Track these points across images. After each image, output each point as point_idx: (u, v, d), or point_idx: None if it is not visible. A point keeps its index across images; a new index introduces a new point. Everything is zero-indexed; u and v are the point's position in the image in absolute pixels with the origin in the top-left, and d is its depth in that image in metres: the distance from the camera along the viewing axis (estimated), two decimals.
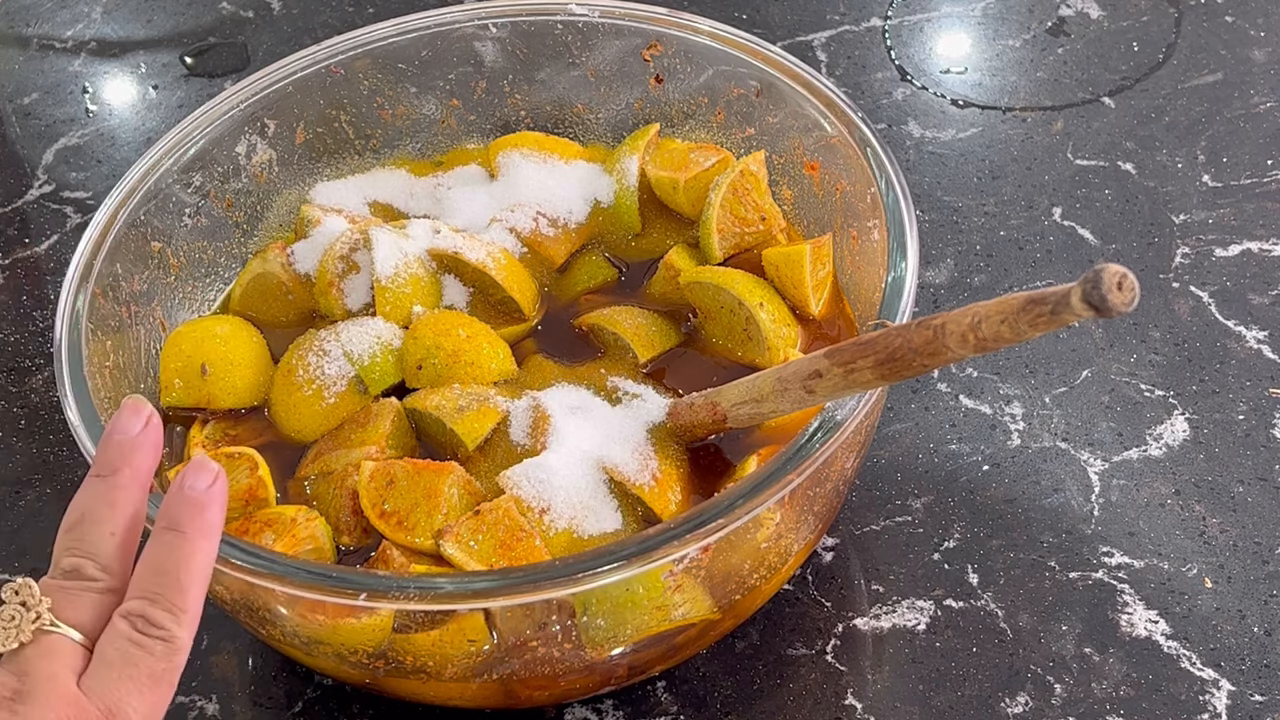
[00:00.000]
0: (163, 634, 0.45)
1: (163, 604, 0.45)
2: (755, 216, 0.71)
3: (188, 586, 0.46)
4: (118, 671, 0.44)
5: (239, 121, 0.74)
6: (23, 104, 1.01)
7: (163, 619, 0.45)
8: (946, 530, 0.70)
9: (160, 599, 0.45)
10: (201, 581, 0.47)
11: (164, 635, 0.45)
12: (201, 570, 0.47)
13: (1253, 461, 0.72)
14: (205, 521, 0.47)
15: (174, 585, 0.46)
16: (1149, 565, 0.68)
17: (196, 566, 0.47)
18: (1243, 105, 0.91)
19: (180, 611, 0.46)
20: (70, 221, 0.92)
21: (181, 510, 0.47)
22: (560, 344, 0.71)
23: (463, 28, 0.78)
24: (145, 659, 0.44)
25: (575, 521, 0.60)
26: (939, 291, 0.82)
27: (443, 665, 0.58)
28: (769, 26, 1.01)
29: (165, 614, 0.45)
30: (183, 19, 1.08)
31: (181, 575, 0.46)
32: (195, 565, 0.47)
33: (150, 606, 0.45)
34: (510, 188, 0.75)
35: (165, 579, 0.46)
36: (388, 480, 0.62)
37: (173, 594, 0.46)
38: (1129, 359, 0.77)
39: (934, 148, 0.91)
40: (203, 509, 0.48)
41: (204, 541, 0.47)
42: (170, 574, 0.46)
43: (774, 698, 0.65)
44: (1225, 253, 0.82)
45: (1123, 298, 0.40)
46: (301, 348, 0.68)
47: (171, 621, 0.45)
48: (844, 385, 0.53)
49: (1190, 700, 0.63)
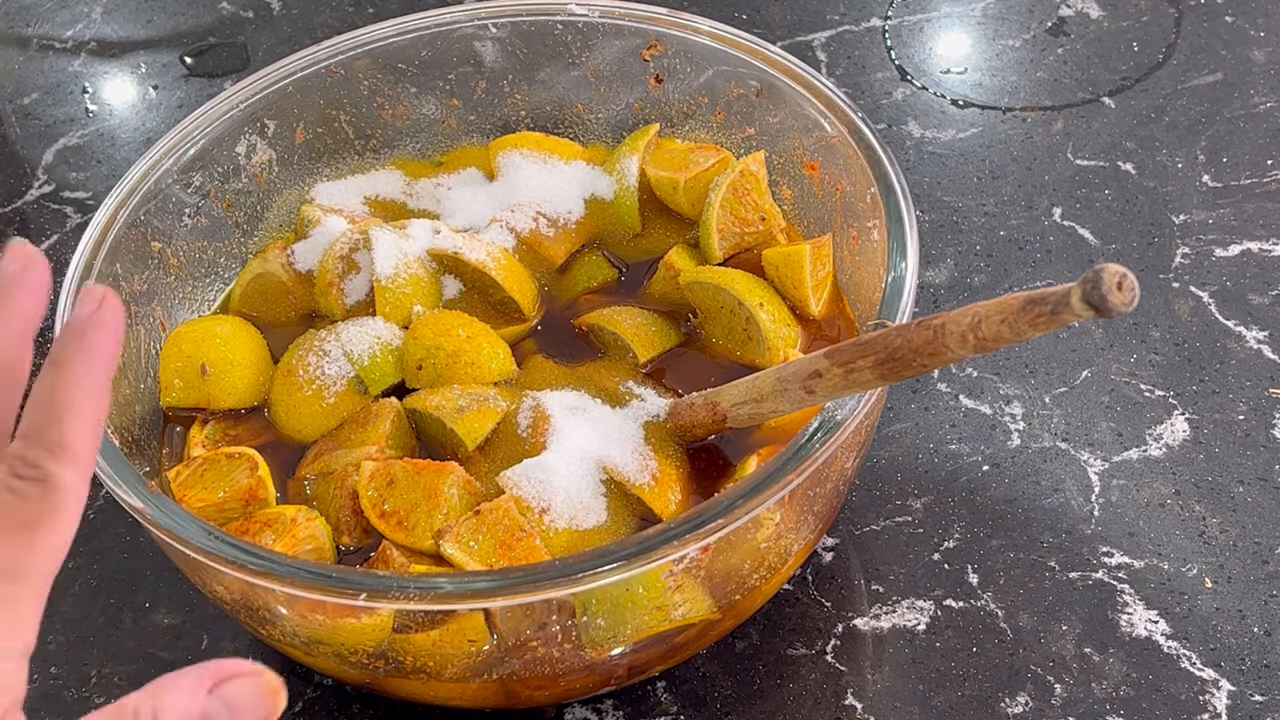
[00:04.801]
0: (36, 473, 0.40)
1: (39, 440, 0.40)
2: (755, 216, 0.71)
3: (64, 417, 0.41)
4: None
5: (239, 121, 0.74)
6: (23, 104, 1.01)
7: (37, 456, 0.40)
8: (946, 530, 0.70)
9: (36, 435, 0.41)
10: (83, 413, 0.41)
11: (38, 474, 0.40)
12: (82, 401, 0.41)
13: (1253, 461, 0.72)
14: (84, 346, 0.42)
15: (50, 418, 0.41)
16: (1149, 565, 0.68)
17: (76, 397, 0.41)
18: (1243, 105, 0.91)
19: (57, 446, 0.40)
20: (70, 221, 0.92)
21: (62, 340, 0.42)
22: (560, 344, 0.71)
23: (463, 28, 0.78)
24: (13, 502, 0.39)
25: (575, 521, 0.60)
26: (939, 291, 0.82)
27: (443, 665, 0.58)
28: (769, 26, 1.01)
29: (41, 451, 0.40)
30: (183, 19, 1.08)
31: (59, 406, 0.41)
32: (75, 395, 0.41)
33: (25, 446, 0.40)
34: (510, 188, 0.75)
35: (41, 414, 0.41)
36: (388, 480, 0.62)
37: (48, 428, 0.41)
38: (1129, 359, 0.77)
39: (934, 148, 0.91)
40: (81, 333, 0.42)
41: (83, 370, 0.42)
42: (46, 407, 0.41)
43: (774, 698, 0.65)
44: (1225, 253, 0.82)
45: (1123, 298, 0.40)
46: (301, 348, 0.68)
47: (47, 458, 0.40)
48: (844, 385, 0.53)
49: (1190, 700, 0.63)
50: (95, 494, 0.76)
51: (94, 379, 0.42)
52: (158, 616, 0.70)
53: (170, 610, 0.70)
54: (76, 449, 0.41)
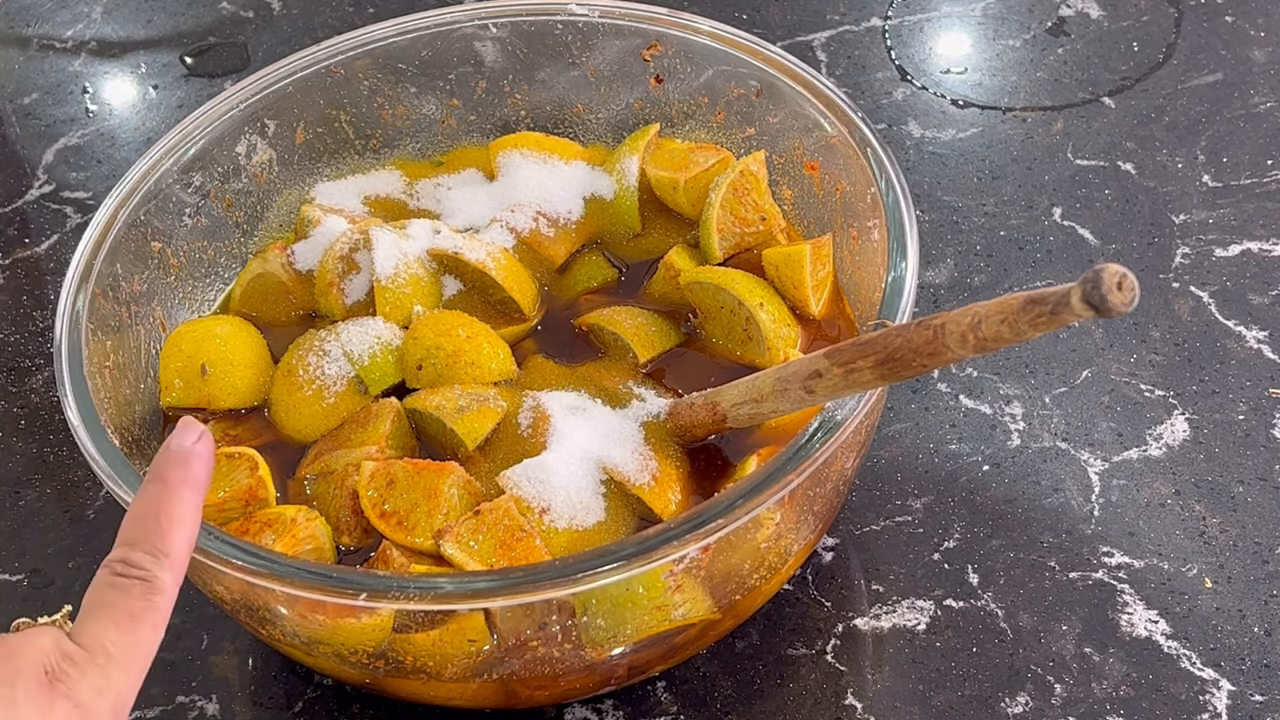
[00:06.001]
0: (141, 574, 0.44)
1: (142, 546, 0.44)
2: (755, 216, 0.71)
3: (168, 529, 0.45)
4: (95, 613, 0.43)
5: (239, 121, 0.74)
6: (23, 104, 1.01)
7: (141, 559, 0.44)
8: (946, 530, 0.70)
9: (140, 542, 0.44)
10: (184, 527, 0.46)
11: (142, 575, 0.44)
12: (184, 516, 0.46)
13: (1253, 461, 0.72)
14: (189, 472, 0.47)
15: (154, 528, 0.45)
16: (1149, 565, 0.68)
17: (179, 512, 0.45)
18: (1243, 105, 0.91)
19: (161, 554, 0.44)
20: (70, 221, 0.92)
21: (166, 462, 0.47)
22: (560, 344, 0.71)
23: (463, 28, 0.78)
24: (122, 599, 0.43)
25: (575, 521, 0.60)
26: (939, 291, 0.82)
27: (443, 665, 0.58)
28: (769, 26, 1.01)
29: (144, 555, 0.44)
30: (183, 19, 1.08)
31: (162, 519, 0.45)
32: (178, 511, 0.45)
33: (130, 550, 0.44)
34: (510, 188, 0.75)
35: (146, 523, 0.45)
36: (388, 480, 0.62)
37: (153, 536, 0.45)
38: (1129, 359, 0.77)
39: (934, 148, 0.91)
40: (187, 461, 0.47)
41: (187, 490, 0.46)
42: (151, 518, 0.45)
43: (774, 698, 0.65)
44: (1225, 253, 0.82)
45: (1122, 298, 0.40)
46: (301, 348, 0.68)
47: (150, 562, 0.44)
48: (844, 385, 0.53)
49: (1190, 700, 0.63)
50: (95, 494, 0.76)
51: (195, 499, 0.47)
52: None
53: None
54: (177, 556, 0.45)
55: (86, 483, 0.76)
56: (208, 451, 0.48)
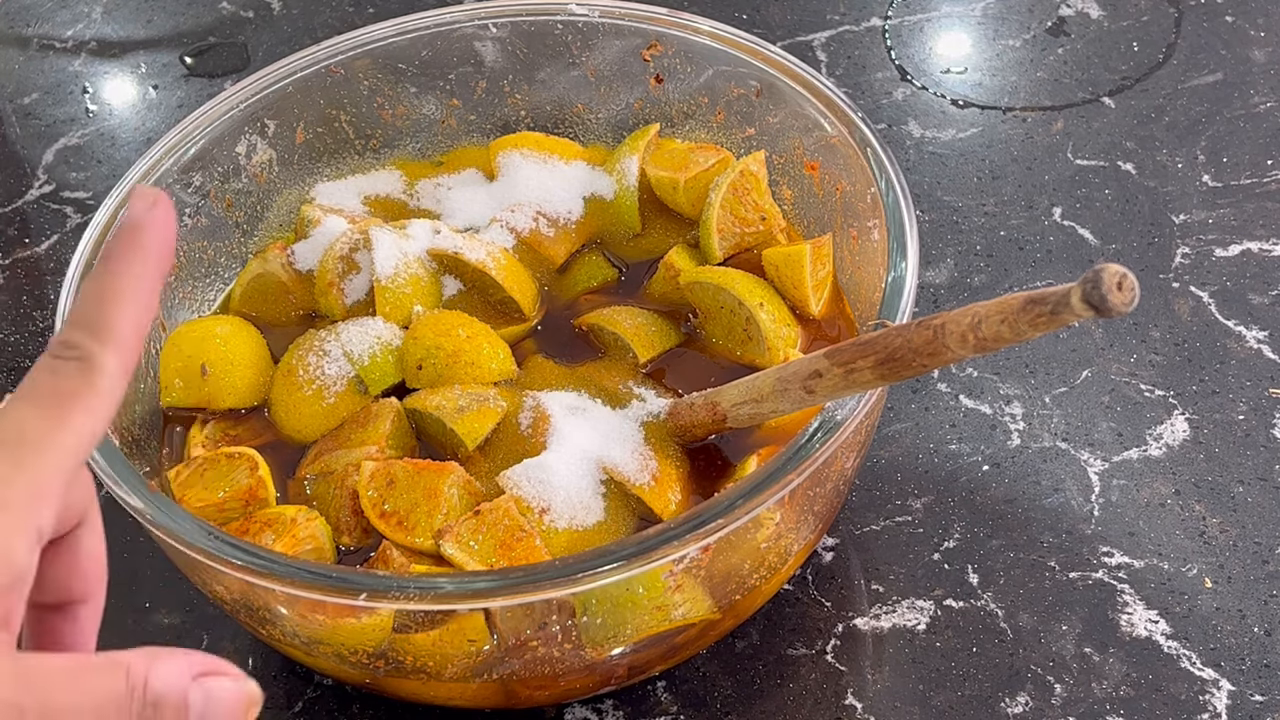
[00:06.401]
0: (76, 353, 0.40)
1: (81, 326, 0.40)
2: (755, 216, 0.71)
3: (109, 303, 0.41)
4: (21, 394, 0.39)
5: (239, 121, 0.74)
6: (23, 104, 1.01)
7: (79, 339, 0.40)
8: (946, 530, 0.70)
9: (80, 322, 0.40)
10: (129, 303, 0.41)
11: (78, 354, 0.39)
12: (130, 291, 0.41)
13: (1253, 461, 0.72)
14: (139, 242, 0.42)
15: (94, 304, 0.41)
16: (1149, 565, 0.68)
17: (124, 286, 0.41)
18: (1243, 105, 0.91)
19: (101, 329, 0.40)
20: (70, 221, 0.92)
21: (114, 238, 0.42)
22: (560, 344, 0.71)
23: (463, 28, 0.78)
24: (50, 379, 0.39)
25: (575, 521, 0.60)
26: (939, 291, 0.82)
27: (443, 665, 0.58)
28: (769, 26, 1.01)
29: (83, 334, 0.40)
30: (183, 19, 1.08)
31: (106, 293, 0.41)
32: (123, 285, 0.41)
33: (69, 330, 0.40)
34: (510, 188, 0.75)
35: (87, 302, 0.41)
36: (388, 480, 0.62)
37: (93, 313, 0.40)
38: (1129, 359, 0.77)
39: (934, 148, 0.91)
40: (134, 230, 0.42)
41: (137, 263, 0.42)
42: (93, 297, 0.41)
43: (774, 698, 0.65)
44: (1225, 253, 0.82)
45: (1122, 298, 0.40)
46: (301, 348, 0.68)
47: (89, 339, 0.40)
48: (844, 385, 0.53)
49: (1190, 700, 0.63)
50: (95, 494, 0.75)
51: (144, 271, 0.42)
52: (158, 616, 0.70)
53: (170, 610, 0.70)
54: (121, 334, 0.40)
55: None
56: (163, 217, 0.42)
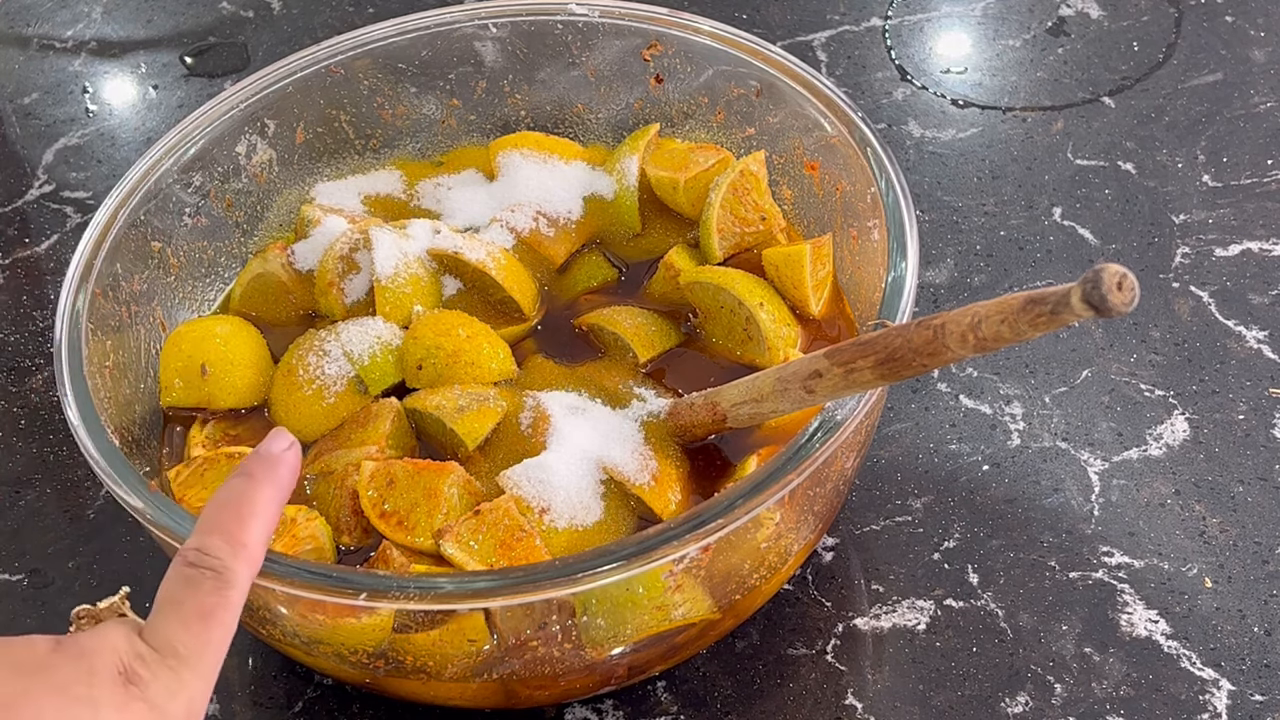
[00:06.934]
0: (214, 563, 0.42)
1: (219, 534, 0.43)
2: (755, 216, 0.71)
3: (247, 519, 0.44)
4: (165, 610, 0.42)
5: (239, 121, 0.74)
6: (23, 104, 1.01)
7: (217, 548, 0.42)
8: (946, 530, 0.70)
9: (217, 530, 0.43)
10: (262, 520, 0.44)
11: (215, 565, 0.42)
12: (264, 510, 0.44)
13: (1253, 461, 0.72)
14: (275, 473, 0.46)
15: (232, 516, 0.43)
16: (1149, 565, 0.68)
17: (259, 505, 0.44)
18: (1243, 105, 0.91)
19: (237, 544, 0.43)
20: (70, 221, 0.92)
21: (254, 460, 0.46)
22: (560, 344, 0.71)
23: (463, 28, 0.78)
24: (193, 595, 0.42)
25: (575, 521, 0.60)
26: (939, 291, 0.82)
27: (443, 665, 0.58)
28: (769, 26, 1.01)
29: (220, 543, 0.43)
30: (183, 19, 1.08)
31: (243, 508, 0.44)
32: (258, 503, 0.44)
33: (205, 537, 0.43)
34: (510, 188, 0.75)
35: (224, 511, 0.44)
36: (388, 480, 0.62)
37: (230, 525, 0.43)
38: (1129, 359, 0.77)
39: (934, 148, 0.91)
40: (275, 463, 0.46)
41: (271, 488, 0.45)
42: (231, 507, 0.44)
43: (774, 698, 0.65)
44: (1225, 253, 0.82)
45: (1122, 298, 0.40)
46: (301, 348, 0.68)
47: (225, 551, 0.43)
48: (844, 385, 0.53)
49: (1190, 700, 0.63)
50: (95, 494, 0.76)
51: (275, 495, 0.46)
52: None
53: None
54: (253, 550, 0.44)
55: (86, 483, 0.76)
56: (295, 459, 0.48)
